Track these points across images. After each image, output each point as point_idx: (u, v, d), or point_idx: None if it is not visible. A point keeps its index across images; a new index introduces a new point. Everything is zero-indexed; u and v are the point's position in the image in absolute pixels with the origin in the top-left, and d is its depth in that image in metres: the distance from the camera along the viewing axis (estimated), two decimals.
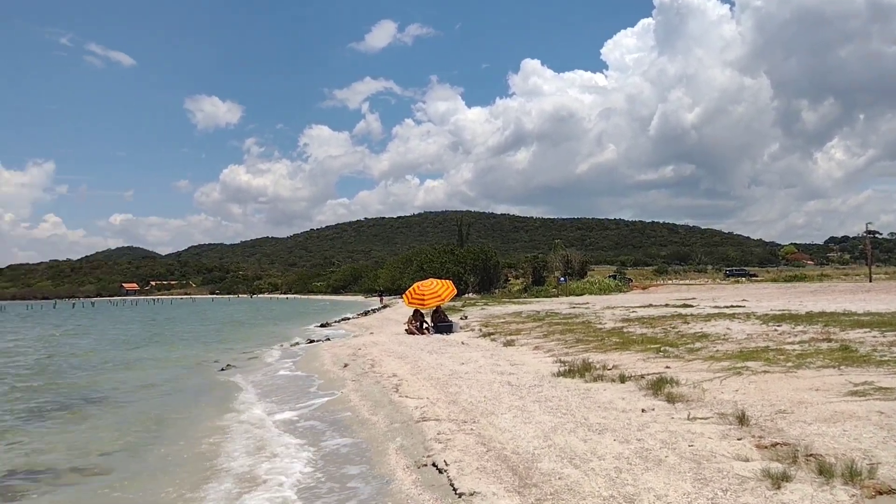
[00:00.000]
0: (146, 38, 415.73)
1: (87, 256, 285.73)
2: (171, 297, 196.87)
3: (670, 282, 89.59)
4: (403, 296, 25.67)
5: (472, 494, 5.79)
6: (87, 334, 40.11)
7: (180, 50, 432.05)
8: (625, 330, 17.76)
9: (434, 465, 6.94)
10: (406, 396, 10.84)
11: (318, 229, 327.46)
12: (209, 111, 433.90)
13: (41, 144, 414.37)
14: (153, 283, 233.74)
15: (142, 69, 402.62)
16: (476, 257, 75.89)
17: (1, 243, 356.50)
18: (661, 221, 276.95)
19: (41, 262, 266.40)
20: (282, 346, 25.78)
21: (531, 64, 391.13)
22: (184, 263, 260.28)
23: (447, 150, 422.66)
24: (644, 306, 28.96)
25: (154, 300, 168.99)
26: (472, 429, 7.98)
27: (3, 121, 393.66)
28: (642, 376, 9.99)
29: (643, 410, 7.99)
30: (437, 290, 23.60)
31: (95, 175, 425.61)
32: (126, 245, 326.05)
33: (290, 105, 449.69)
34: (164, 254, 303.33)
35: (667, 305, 28.76)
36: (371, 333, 26.93)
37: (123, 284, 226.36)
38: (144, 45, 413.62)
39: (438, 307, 23.63)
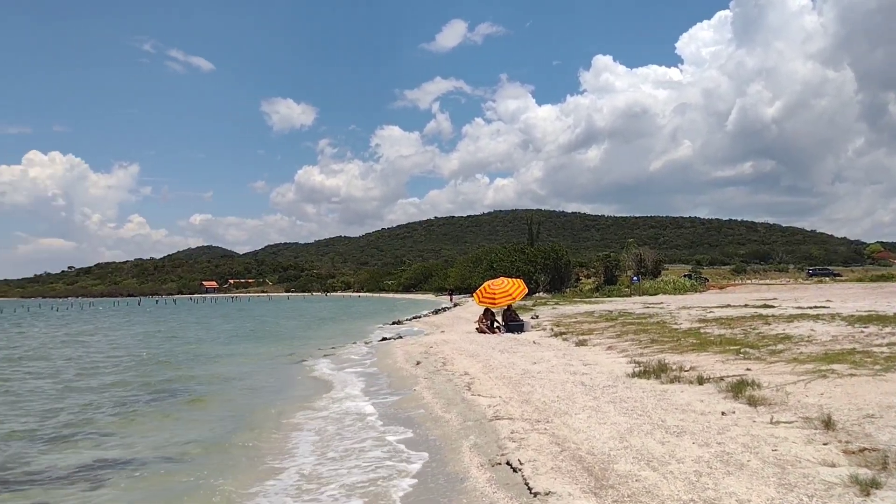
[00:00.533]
0: (224, 43, 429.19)
1: (169, 255, 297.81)
2: (248, 294, 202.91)
3: (749, 281, 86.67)
4: (474, 294, 25.73)
5: (547, 494, 5.78)
6: (178, 330, 41.75)
7: (257, 54, 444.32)
8: (702, 331, 17.31)
9: (508, 463, 6.96)
10: (478, 395, 10.88)
11: (389, 228, 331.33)
12: (284, 113, 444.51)
13: (126, 148, 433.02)
14: (231, 281, 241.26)
15: (220, 73, 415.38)
16: (547, 256, 75.24)
17: (89, 243, 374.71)
18: (738, 219, 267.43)
19: (127, 261, 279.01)
20: (356, 343, 26.25)
21: (603, 60, 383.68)
22: (260, 262, 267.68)
23: (517, 148, 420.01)
24: (722, 306, 28.14)
25: (232, 298, 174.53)
26: (545, 428, 7.95)
27: (91, 126, 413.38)
28: (721, 378, 9.74)
29: (723, 413, 7.80)
30: (507, 288, 23.55)
31: (177, 177, 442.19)
32: (206, 244, 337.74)
33: (362, 106, 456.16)
34: (241, 253, 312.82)
35: (746, 306, 27.86)
36: (442, 332, 27.09)
37: (203, 282, 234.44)
38: (222, 49, 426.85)
39: (509, 306, 23.59)
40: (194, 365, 20.73)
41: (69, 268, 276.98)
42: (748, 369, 10.57)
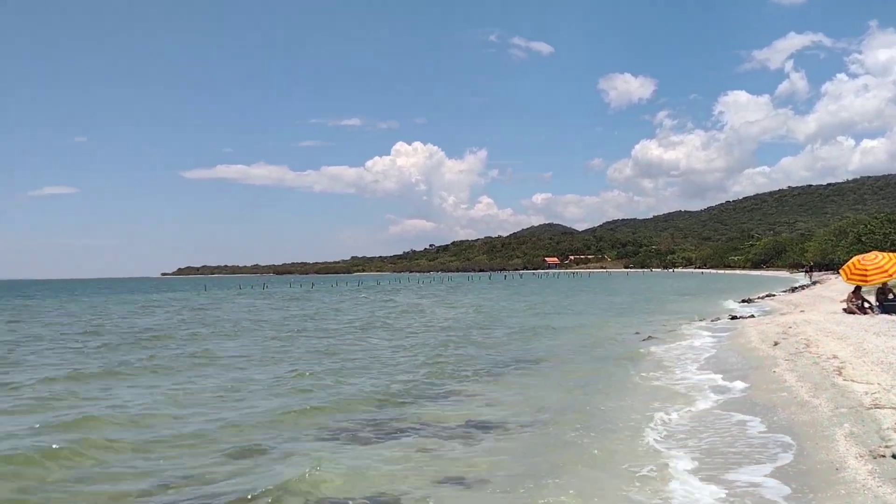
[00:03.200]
0: (562, 25, 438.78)
1: (514, 233, 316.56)
2: (587, 270, 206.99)
3: None
4: (840, 271, 23.04)
5: None
6: (526, 301, 44.54)
7: (594, 32, 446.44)
8: None
9: (894, 456, 6.27)
10: (851, 380, 9.86)
11: (734, 201, 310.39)
12: (622, 89, 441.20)
13: (476, 135, 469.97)
14: (571, 257, 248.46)
15: (559, 55, 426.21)
16: None
17: (446, 223, 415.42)
18: None
19: (478, 239, 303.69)
20: (704, 320, 25.35)
21: None
22: (599, 238, 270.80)
23: (889, 104, 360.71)
24: None
25: (572, 273, 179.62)
26: None
27: (446, 117, 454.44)
28: None
29: None
30: (882, 264, 20.62)
31: (520, 159, 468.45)
32: (547, 222, 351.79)
33: (704, 73, 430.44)
34: (580, 230, 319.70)
35: None
36: (801, 311, 24.79)
37: (546, 258, 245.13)
38: (561, 32, 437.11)
39: (885, 284, 20.67)
40: (556, 334, 21.97)
41: (430, 245, 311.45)
42: None
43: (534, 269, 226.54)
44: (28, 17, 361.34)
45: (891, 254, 21.96)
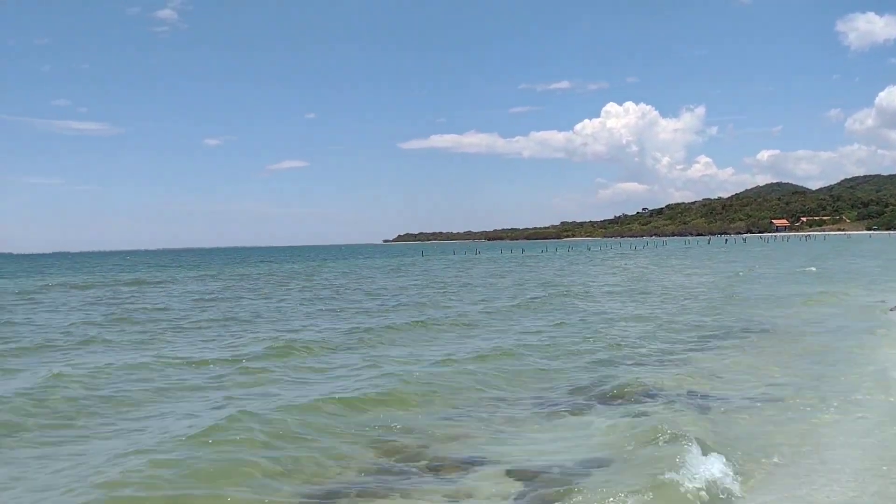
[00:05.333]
0: None
1: (736, 194, 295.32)
2: (822, 232, 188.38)
3: None
4: None
5: None
6: (764, 270, 41.87)
7: None
8: None
9: None
10: None
11: None
12: (864, 29, 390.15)
13: (693, 91, 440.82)
14: (803, 218, 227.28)
15: None
16: None
17: (660, 185, 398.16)
18: None
19: (695, 201, 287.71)
20: None
21: None
22: (836, 198, 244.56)
23: None
24: None
25: (804, 237, 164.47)
26: None
27: (659, 74, 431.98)
28: None
29: None
30: None
31: (743, 114, 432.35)
32: (774, 181, 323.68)
33: None
34: (814, 188, 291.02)
35: None
36: None
37: (773, 220, 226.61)
38: None
39: None
40: (770, 306, 20.55)
41: (643, 209, 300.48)
42: None
43: (759, 232, 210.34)
44: (279, 12, 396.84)
45: None
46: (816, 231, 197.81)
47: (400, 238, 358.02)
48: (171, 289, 36.76)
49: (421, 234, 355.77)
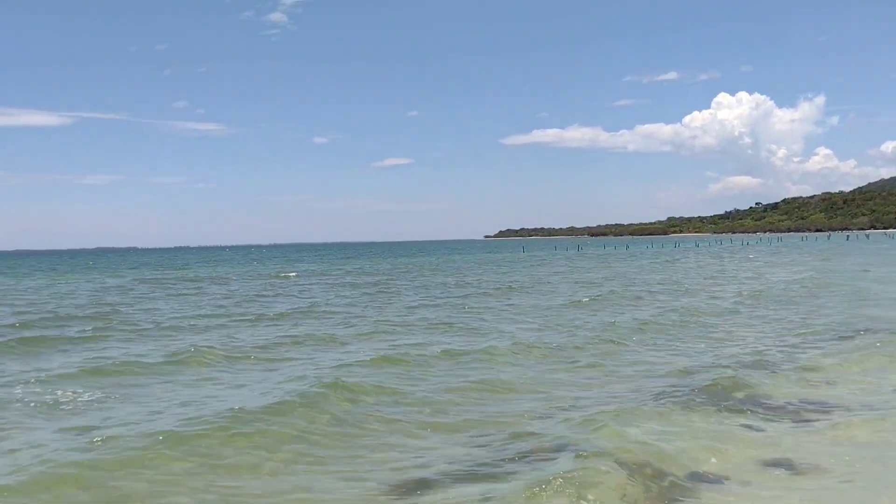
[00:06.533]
0: None
1: (858, 188, 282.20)
2: None
3: None
4: None
5: None
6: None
7: None
8: None
9: None
10: None
11: None
12: None
13: (812, 79, 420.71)
14: None
15: None
16: None
17: (775, 178, 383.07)
18: None
19: (813, 196, 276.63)
20: None
21: None
22: None
23: None
24: None
25: None
26: None
27: (776, 63, 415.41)
28: None
29: None
30: None
31: (868, 103, 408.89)
32: None
33: None
34: None
35: None
36: None
37: None
38: None
39: None
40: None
41: (756, 204, 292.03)
42: None
43: (884, 227, 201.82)
44: (384, 15, 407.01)
45: None
46: None
47: (501, 234, 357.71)
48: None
49: (522, 229, 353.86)
